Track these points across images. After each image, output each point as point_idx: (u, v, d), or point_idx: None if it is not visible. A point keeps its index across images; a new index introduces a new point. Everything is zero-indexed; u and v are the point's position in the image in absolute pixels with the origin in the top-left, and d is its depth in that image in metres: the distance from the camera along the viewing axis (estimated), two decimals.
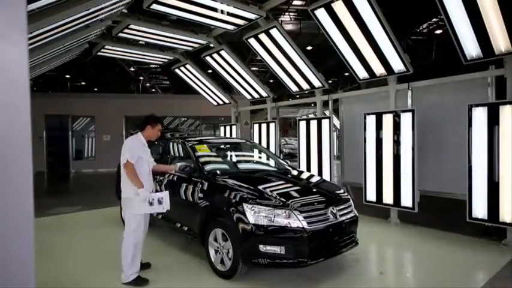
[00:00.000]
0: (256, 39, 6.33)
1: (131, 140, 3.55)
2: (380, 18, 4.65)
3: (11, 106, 0.67)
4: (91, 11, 4.09)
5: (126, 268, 3.35)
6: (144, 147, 3.55)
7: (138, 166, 3.38)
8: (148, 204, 3.27)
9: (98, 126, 14.68)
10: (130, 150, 3.38)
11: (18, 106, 0.68)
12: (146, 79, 20.50)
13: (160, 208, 3.32)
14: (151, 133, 3.62)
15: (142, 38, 6.84)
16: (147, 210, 3.37)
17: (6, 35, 0.67)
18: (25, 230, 0.67)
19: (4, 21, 0.67)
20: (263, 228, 3.15)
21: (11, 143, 0.66)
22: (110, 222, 5.67)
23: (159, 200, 3.30)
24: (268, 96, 7.98)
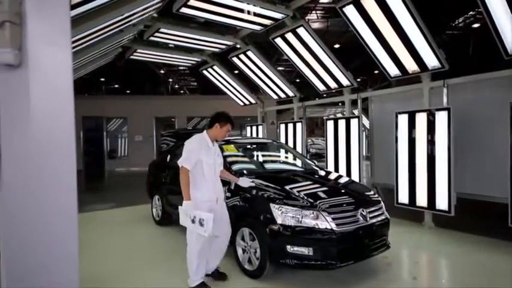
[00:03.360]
0: (283, 38, 6.30)
1: (193, 140, 3.11)
2: (412, 13, 4.46)
3: (57, 108, 0.71)
4: (124, 16, 4.26)
5: (192, 274, 3.13)
6: (208, 149, 3.10)
7: (198, 170, 3.00)
8: (190, 220, 2.89)
9: (130, 126, 15.29)
10: (187, 153, 2.99)
11: (64, 108, 0.73)
12: (175, 81, 21.07)
13: (201, 231, 2.84)
14: (218, 133, 3.17)
15: (171, 41, 7.04)
16: (187, 225, 2.99)
17: (52, 41, 0.72)
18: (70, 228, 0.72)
19: (50, 28, 0.72)
20: (290, 229, 3.13)
21: (57, 143, 0.71)
22: (142, 220, 5.88)
23: (200, 221, 2.84)
24: (295, 95, 7.92)
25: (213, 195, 3.09)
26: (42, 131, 0.72)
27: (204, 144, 3.09)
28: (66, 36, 0.75)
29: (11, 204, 0.71)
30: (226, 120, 3.19)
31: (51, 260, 0.76)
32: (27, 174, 0.72)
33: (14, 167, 0.71)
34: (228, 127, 3.22)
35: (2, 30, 0.67)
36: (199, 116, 16.82)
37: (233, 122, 3.30)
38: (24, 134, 0.71)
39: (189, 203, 2.94)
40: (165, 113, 15.96)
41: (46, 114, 0.74)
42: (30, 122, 0.72)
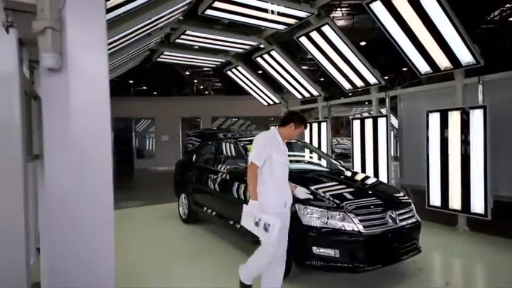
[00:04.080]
0: (308, 37, 6.23)
1: (262, 135, 2.90)
2: (444, 6, 4.26)
3: (94, 108, 0.75)
4: (152, 20, 4.40)
5: (248, 274, 2.87)
6: (279, 146, 2.87)
7: (267, 168, 2.75)
8: (254, 222, 2.63)
9: (157, 127, 15.75)
10: (257, 149, 2.75)
11: (101, 108, 0.76)
12: (200, 82, 21.44)
13: (265, 236, 2.59)
14: (291, 133, 2.94)
15: (196, 42, 7.16)
16: (249, 227, 2.69)
17: (90, 45, 0.76)
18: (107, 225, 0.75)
19: (88, 33, 0.76)
20: (316, 230, 3.09)
21: (95, 141, 0.74)
22: (170, 218, 6.03)
23: (265, 226, 2.58)
24: (319, 95, 7.81)
25: (282, 198, 2.81)
26: (81, 130, 0.76)
27: (275, 142, 2.86)
28: (102, 40, 0.79)
29: (53, 201, 0.75)
30: (301, 121, 2.96)
31: (88, 256, 0.79)
32: (67, 172, 0.77)
33: (56, 164, 0.75)
34: (302, 129, 3.01)
35: (44, 37, 0.71)
36: (223, 116, 17.02)
37: (307, 124, 3.12)
38: (65, 133, 0.75)
39: (255, 204, 2.66)
40: (191, 113, 16.29)
41: (84, 114, 0.78)
42: (70, 121, 0.76)
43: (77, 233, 0.79)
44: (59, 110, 0.76)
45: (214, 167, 5.09)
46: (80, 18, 0.77)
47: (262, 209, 2.66)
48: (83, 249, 0.82)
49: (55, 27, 0.73)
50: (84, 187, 0.78)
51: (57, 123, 0.76)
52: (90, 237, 0.80)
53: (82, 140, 0.77)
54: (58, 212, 0.78)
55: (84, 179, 0.78)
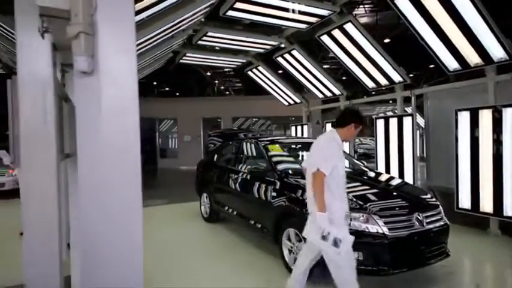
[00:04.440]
0: (329, 35, 6.14)
1: (327, 140, 2.62)
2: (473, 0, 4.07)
3: (124, 109, 0.78)
4: (175, 22, 4.49)
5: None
6: (340, 151, 2.62)
7: (331, 177, 2.48)
8: (321, 236, 2.40)
9: (179, 127, 16.06)
10: (326, 156, 2.50)
11: (130, 109, 0.79)
12: (220, 82, 21.65)
13: (333, 252, 2.37)
14: (351, 134, 2.66)
15: (218, 43, 7.24)
16: (315, 241, 2.48)
17: (120, 48, 0.78)
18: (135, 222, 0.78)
19: (118, 36, 0.79)
20: None
21: (124, 141, 0.77)
22: (192, 216, 6.12)
23: (335, 241, 2.36)
24: (342, 94, 7.68)
25: (343, 209, 2.56)
26: (112, 130, 0.79)
27: (338, 147, 2.59)
28: (131, 43, 0.81)
29: (85, 198, 0.79)
30: (361, 120, 2.66)
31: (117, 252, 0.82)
32: (98, 170, 0.80)
33: (88, 162, 0.79)
34: (360, 128, 2.71)
35: (77, 41, 0.74)
36: (244, 117, 17.10)
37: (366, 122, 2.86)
38: (96, 132, 0.78)
39: (324, 216, 2.41)
40: (212, 113, 16.49)
41: (115, 114, 0.81)
42: (101, 122, 0.79)
43: (107, 228, 0.82)
44: (91, 111, 0.80)
45: (235, 167, 5.13)
46: (110, 22, 0.80)
47: (330, 222, 2.44)
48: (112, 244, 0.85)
49: (87, 32, 0.76)
50: (114, 185, 0.81)
51: (89, 123, 0.80)
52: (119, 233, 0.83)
53: (112, 139, 0.80)
54: (90, 209, 0.82)
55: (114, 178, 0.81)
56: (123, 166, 0.82)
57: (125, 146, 0.82)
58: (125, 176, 0.83)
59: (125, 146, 0.82)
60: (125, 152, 0.83)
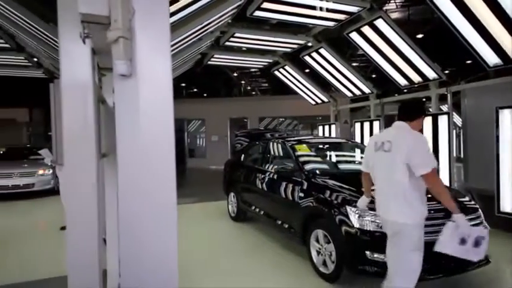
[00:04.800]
0: (359, 32, 5.99)
1: (416, 135, 2.35)
2: None
3: (160, 110, 0.81)
4: (204, 25, 4.58)
5: None
6: None
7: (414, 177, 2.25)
8: (459, 241, 2.13)
9: (207, 127, 16.35)
10: (428, 151, 2.29)
11: (165, 110, 0.82)
12: (247, 83, 21.78)
13: (475, 255, 2.16)
14: (419, 127, 2.47)
15: (245, 44, 7.30)
16: (451, 250, 2.20)
17: (156, 52, 0.82)
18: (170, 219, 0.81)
19: (154, 40, 0.82)
20: (369, 234, 2.95)
21: (160, 140, 0.80)
22: (219, 215, 6.21)
23: (476, 240, 2.11)
24: (372, 92, 7.46)
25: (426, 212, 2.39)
26: (148, 130, 0.82)
27: None
28: (166, 46, 0.84)
29: (124, 196, 0.83)
30: (424, 112, 2.51)
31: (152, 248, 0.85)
32: (136, 168, 0.83)
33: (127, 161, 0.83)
34: None
35: (117, 45, 0.78)
36: (270, 116, 17.09)
37: None
38: (135, 132, 0.82)
39: (462, 217, 2.19)
40: (238, 113, 16.63)
41: (151, 115, 0.84)
42: (139, 123, 0.82)
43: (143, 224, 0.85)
44: (130, 112, 0.83)
45: (261, 167, 5.14)
46: (147, 27, 0.83)
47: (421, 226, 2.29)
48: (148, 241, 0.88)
49: (126, 36, 0.79)
50: (150, 183, 0.84)
51: (128, 124, 0.84)
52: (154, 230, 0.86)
53: (149, 139, 0.83)
54: (128, 206, 0.85)
55: (150, 176, 0.85)
56: (160, 165, 0.86)
57: (161, 146, 0.85)
58: (161, 174, 0.86)
59: (161, 145, 0.85)
60: (161, 151, 0.85)
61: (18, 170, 8.24)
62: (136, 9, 0.80)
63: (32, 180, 8.19)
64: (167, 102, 0.85)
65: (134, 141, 0.83)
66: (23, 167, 8.42)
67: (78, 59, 1.14)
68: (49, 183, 8.45)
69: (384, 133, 2.62)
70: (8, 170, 8.19)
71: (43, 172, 8.41)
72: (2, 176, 8.10)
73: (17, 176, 8.11)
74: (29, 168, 8.38)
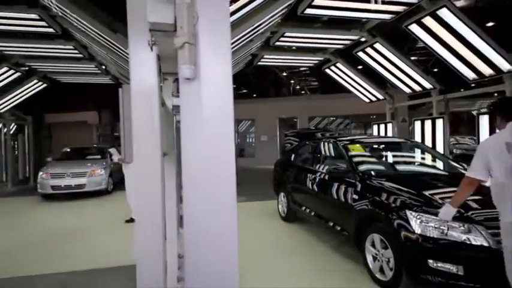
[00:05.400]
0: (419, 24, 5.57)
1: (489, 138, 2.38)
2: None
3: (221, 111, 0.85)
4: (254, 26, 4.65)
5: None
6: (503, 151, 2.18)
7: None
8: None
9: (257, 127, 16.57)
10: (476, 155, 2.28)
11: (226, 112, 0.85)
12: (296, 82, 21.60)
13: None
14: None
15: (295, 43, 7.24)
16: None
17: (217, 56, 0.85)
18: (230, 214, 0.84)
19: (216, 45, 0.85)
20: (433, 241, 2.73)
21: (221, 140, 0.84)
22: (270, 215, 6.25)
23: None
24: (433, 87, 6.90)
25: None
26: (211, 130, 0.86)
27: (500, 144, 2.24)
28: (227, 50, 0.87)
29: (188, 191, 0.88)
30: None
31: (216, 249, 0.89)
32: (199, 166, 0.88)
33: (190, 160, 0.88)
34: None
35: (183, 50, 0.83)
36: (320, 116, 16.74)
37: None
38: (198, 133, 0.87)
39: None
40: (288, 113, 16.57)
41: (213, 116, 0.88)
42: (202, 123, 0.86)
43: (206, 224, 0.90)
44: (194, 113, 0.88)
45: (312, 167, 5.05)
46: (210, 32, 0.87)
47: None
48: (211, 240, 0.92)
49: (191, 42, 0.84)
50: (212, 180, 0.88)
51: (192, 125, 0.88)
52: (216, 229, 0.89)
53: (212, 138, 0.87)
54: (192, 205, 0.90)
55: (213, 174, 0.88)
56: (220, 163, 0.89)
57: (222, 145, 0.89)
58: (221, 173, 0.89)
59: (223, 144, 0.89)
60: (222, 150, 0.89)
61: (70, 170, 8.29)
62: (199, 16, 0.85)
63: (83, 181, 8.19)
64: (228, 103, 0.88)
65: (197, 140, 0.87)
66: (76, 167, 8.49)
67: (145, 65, 1.23)
68: (100, 184, 8.47)
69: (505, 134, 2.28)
70: (61, 170, 8.29)
71: (94, 173, 8.42)
72: (55, 177, 8.17)
73: (69, 177, 8.18)
74: (81, 169, 8.41)
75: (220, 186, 0.90)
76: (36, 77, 9.42)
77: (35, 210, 7.35)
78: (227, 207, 0.90)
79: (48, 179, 8.07)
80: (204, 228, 0.90)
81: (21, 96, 10.06)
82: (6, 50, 7.18)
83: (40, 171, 8.49)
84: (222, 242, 0.91)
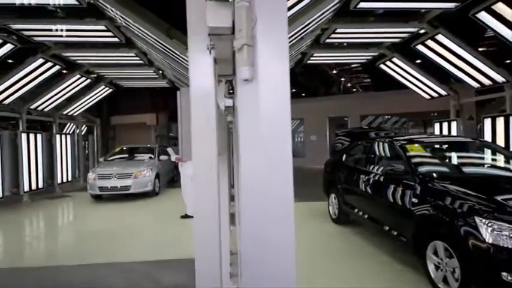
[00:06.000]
0: (489, 11, 5.02)
1: None
2: None
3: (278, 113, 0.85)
4: (305, 24, 4.59)
5: None
6: None
7: None
8: None
9: (306, 127, 16.35)
10: None
11: (282, 113, 0.86)
12: (347, 79, 20.88)
13: None
14: None
15: (347, 39, 6.99)
16: None
17: (275, 57, 0.86)
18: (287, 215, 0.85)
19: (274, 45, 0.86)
20: (507, 252, 2.45)
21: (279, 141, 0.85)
22: (319, 216, 6.12)
23: None
24: (507, 81, 6.16)
25: None
26: (269, 132, 0.87)
27: None
28: (284, 51, 0.88)
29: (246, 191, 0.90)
30: None
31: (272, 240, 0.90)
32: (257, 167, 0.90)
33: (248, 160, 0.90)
34: None
35: (241, 52, 0.85)
36: (373, 114, 15.94)
37: None
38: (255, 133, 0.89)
39: None
40: (338, 112, 16.07)
41: (270, 117, 0.89)
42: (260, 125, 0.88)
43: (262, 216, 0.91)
44: (251, 114, 0.90)
45: (365, 168, 4.85)
46: (268, 33, 0.88)
47: None
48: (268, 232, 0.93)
49: (249, 44, 0.86)
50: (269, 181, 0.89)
51: (249, 125, 0.91)
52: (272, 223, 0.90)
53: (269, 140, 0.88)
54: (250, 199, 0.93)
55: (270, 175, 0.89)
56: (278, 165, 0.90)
57: (279, 147, 0.89)
58: (280, 174, 0.90)
59: (280, 146, 0.89)
60: (279, 150, 0.89)
61: (117, 172, 8.15)
62: (258, 18, 0.86)
63: (128, 183, 7.99)
64: (285, 103, 0.88)
65: (254, 141, 0.89)
66: (122, 168, 8.37)
67: (203, 68, 1.29)
68: (146, 186, 8.23)
69: None
70: (108, 171, 8.19)
71: (140, 174, 8.18)
72: (103, 177, 8.07)
73: (115, 178, 8.04)
74: (127, 170, 8.22)
75: (277, 186, 0.90)
76: (103, 83, 10.38)
77: (95, 206, 7.99)
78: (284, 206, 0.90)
79: (96, 180, 8.04)
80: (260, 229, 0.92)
81: (91, 101, 11.18)
82: (78, 59, 8.02)
83: (89, 172, 8.64)
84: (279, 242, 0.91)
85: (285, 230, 0.86)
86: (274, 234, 0.87)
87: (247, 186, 0.88)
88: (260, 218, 0.87)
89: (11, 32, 5.75)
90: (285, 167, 0.86)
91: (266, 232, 0.87)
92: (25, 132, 8.31)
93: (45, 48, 6.89)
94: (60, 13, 5.42)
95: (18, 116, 8.53)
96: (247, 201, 0.88)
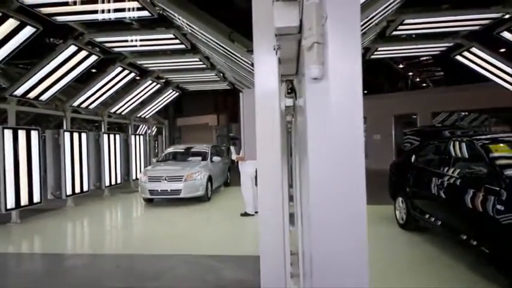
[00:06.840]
0: None
1: None
2: None
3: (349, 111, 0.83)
4: (369, 18, 4.35)
5: None
6: None
7: None
8: None
9: (369, 126, 15.52)
10: None
11: (354, 111, 0.83)
12: (416, 74, 19.29)
13: None
14: None
15: (417, 30, 6.46)
16: None
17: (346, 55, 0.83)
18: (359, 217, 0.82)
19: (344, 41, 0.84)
20: None
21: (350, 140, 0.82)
22: (384, 221, 5.76)
23: None
24: None
25: None
26: (340, 130, 0.85)
27: None
28: (357, 48, 0.84)
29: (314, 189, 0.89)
30: None
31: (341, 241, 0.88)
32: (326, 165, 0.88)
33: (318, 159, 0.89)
34: None
35: (311, 51, 0.84)
36: (446, 111, 14.43)
37: None
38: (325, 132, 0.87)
39: None
40: (405, 110, 14.92)
41: (342, 116, 0.86)
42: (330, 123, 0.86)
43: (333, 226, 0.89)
44: (321, 113, 0.89)
45: (439, 170, 4.42)
46: (339, 30, 0.86)
47: None
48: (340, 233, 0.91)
49: (320, 42, 0.84)
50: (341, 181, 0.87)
51: (319, 124, 0.89)
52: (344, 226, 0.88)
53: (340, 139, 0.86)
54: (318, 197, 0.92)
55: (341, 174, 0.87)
56: (349, 164, 0.87)
57: (350, 145, 0.86)
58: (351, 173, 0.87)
59: (351, 145, 0.86)
60: (351, 150, 0.86)
61: (167, 174, 7.56)
62: (329, 14, 0.84)
63: (179, 186, 7.37)
64: (357, 102, 0.85)
65: (325, 140, 0.87)
66: (173, 170, 7.84)
67: (268, 69, 1.31)
68: (197, 190, 7.53)
69: None
70: (159, 174, 7.65)
71: (191, 177, 7.52)
72: (153, 180, 7.55)
73: (165, 181, 7.47)
74: (178, 172, 7.62)
75: (348, 186, 0.88)
76: (171, 87, 11.20)
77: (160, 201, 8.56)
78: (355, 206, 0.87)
79: (146, 183, 7.57)
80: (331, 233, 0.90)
81: (160, 104, 12.14)
82: (150, 66, 8.78)
83: (140, 173, 8.32)
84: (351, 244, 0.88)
85: (357, 232, 0.82)
86: (346, 236, 0.84)
87: (317, 188, 0.87)
88: (331, 224, 0.85)
89: (95, 44, 6.54)
90: (357, 168, 0.82)
91: (338, 234, 0.85)
92: (106, 133, 9.39)
93: (122, 58, 7.68)
94: (135, 25, 5.99)
95: (101, 118, 9.67)
96: (316, 201, 0.87)
